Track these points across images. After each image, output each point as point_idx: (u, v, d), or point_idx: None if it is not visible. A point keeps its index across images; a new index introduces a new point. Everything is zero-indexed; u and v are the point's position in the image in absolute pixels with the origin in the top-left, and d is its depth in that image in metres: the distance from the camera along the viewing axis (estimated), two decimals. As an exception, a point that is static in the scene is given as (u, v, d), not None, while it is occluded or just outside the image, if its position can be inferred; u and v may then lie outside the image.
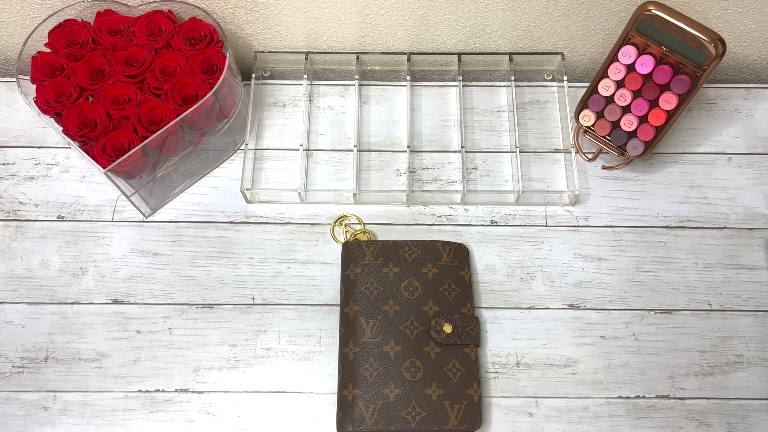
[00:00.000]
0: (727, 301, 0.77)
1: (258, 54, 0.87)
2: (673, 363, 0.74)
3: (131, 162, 0.72)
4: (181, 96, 0.74)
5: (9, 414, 0.72)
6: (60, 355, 0.74)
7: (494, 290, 0.77)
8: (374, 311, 0.73)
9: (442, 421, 0.69)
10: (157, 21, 0.77)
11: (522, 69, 0.89)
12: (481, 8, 0.82)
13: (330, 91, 0.88)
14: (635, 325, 0.76)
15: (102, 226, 0.80)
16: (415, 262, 0.75)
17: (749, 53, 0.89)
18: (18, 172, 0.83)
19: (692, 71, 0.74)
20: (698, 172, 0.84)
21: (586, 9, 0.82)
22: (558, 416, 0.72)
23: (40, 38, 0.77)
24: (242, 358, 0.74)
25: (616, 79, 0.79)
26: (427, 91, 0.88)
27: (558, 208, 0.81)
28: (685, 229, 0.81)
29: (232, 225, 0.80)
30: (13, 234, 0.80)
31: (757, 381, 0.74)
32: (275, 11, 0.83)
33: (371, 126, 0.86)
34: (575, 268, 0.78)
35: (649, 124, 0.78)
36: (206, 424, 0.72)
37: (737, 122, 0.86)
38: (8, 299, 0.77)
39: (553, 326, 0.76)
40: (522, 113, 0.87)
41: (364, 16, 0.83)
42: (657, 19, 0.73)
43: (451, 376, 0.71)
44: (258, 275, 0.78)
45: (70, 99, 0.74)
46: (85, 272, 0.78)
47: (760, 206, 0.82)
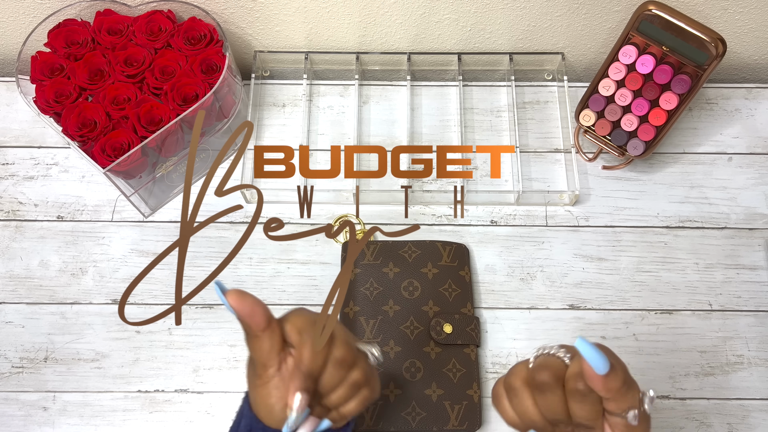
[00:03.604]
0: (728, 301, 0.77)
1: (258, 54, 0.87)
2: (674, 363, 0.74)
3: (131, 162, 0.72)
4: (181, 96, 0.74)
5: (9, 414, 0.72)
6: (59, 355, 0.74)
7: (494, 290, 0.77)
8: (374, 311, 0.73)
9: (442, 421, 0.69)
10: (156, 21, 0.77)
11: (522, 69, 0.89)
12: (481, 8, 0.82)
13: (330, 90, 0.88)
14: (635, 326, 0.76)
15: (101, 226, 0.80)
16: (415, 262, 0.75)
17: (750, 53, 0.89)
18: (17, 172, 0.83)
19: (693, 71, 0.74)
20: (698, 172, 0.84)
21: (586, 9, 0.82)
22: (558, 416, 0.72)
23: (39, 38, 0.77)
24: (242, 358, 0.74)
25: (616, 79, 0.78)
26: (427, 90, 0.88)
27: (558, 208, 0.81)
28: (686, 229, 0.81)
29: (232, 225, 0.80)
30: (12, 234, 0.80)
31: (758, 381, 0.74)
32: (275, 11, 0.82)
33: (371, 126, 0.86)
34: (575, 268, 0.78)
35: (649, 123, 0.78)
36: (206, 424, 0.72)
37: (738, 122, 0.86)
38: (8, 299, 0.77)
39: (553, 326, 0.76)
40: (522, 113, 0.87)
41: (364, 15, 0.83)
42: (657, 18, 0.73)
43: (451, 376, 0.71)
44: (258, 275, 0.78)
45: (69, 99, 0.74)
46: (84, 272, 0.78)
47: (760, 206, 0.82)
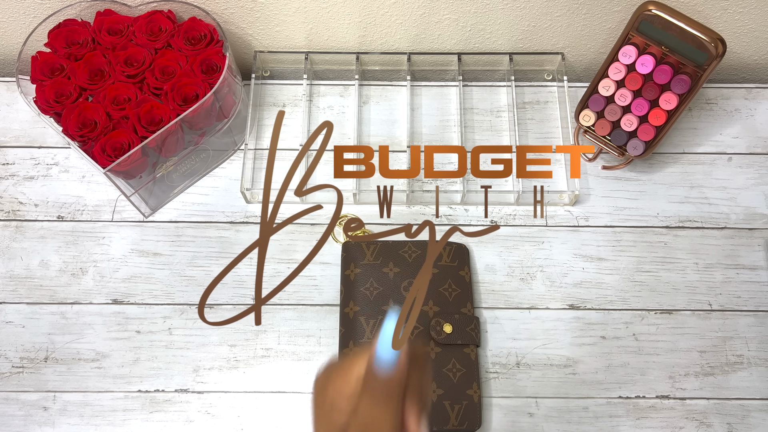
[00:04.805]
0: (728, 301, 0.77)
1: (258, 54, 0.87)
2: (674, 363, 0.74)
3: (131, 162, 0.72)
4: (181, 96, 0.74)
5: (9, 414, 0.72)
6: (60, 355, 0.74)
7: (494, 290, 0.77)
8: (374, 311, 0.73)
9: (442, 421, 0.69)
10: (156, 21, 0.77)
11: (522, 69, 0.89)
12: (481, 8, 0.82)
13: (330, 90, 0.88)
14: (635, 325, 0.76)
15: (102, 226, 0.80)
16: (415, 262, 0.75)
17: (749, 53, 0.89)
18: (18, 172, 0.83)
19: (692, 71, 0.74)
20: (698, 172, 0.84)
21: (586, 9, 0.82)
22: (558, 416, 0.72)
23: (39, 38, 0.77)
24: (242, 358, 0.74)
25: (616, 79, 0.79)
26: (427, 91, 0.88)
27: (558, 208, 0.81)
28: (686, 229, 0.81)
29: (231, 225, 0.80)
30: (12, 234, 0.80)
31: (757, 381, 0.74)
32: (275, 11, 0.82)
33: (371, 126, 0.86)
34: (575, 268, 0.78)
35: (649, 124, 0.78)
36: (206, 424, 0.72)
37: (737, 122, 0.86)
38: (8, 299, 0.77)
39: (553, 326, 0.76)
40: (522, 113, 0.87)
41: (364, 16, 0.83)
42: (657, 18, 0.73)
43: (451, 376, 0.71)
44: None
45: (69, 99, 0.74)
46: (84, 272, 0.78)
47: (760, 206, 0.82)
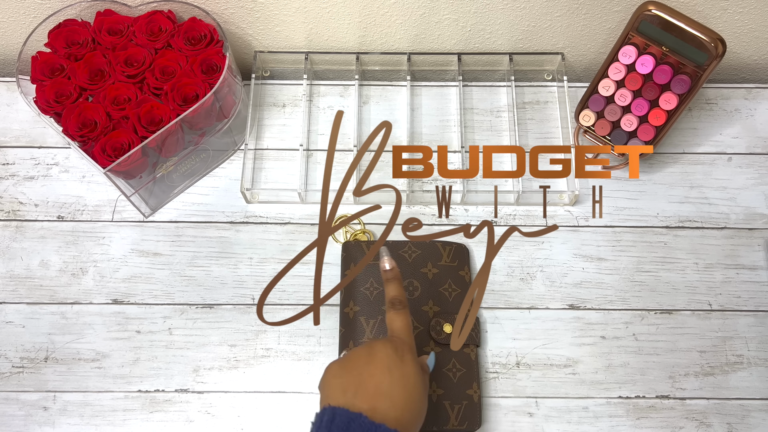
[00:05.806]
0: (727, 301, 0.77)
1: (258, 54, 0.87)
2: (673, 363, 0.74)
3: (131, 162, 0.72)
4: (181, 96, 0.74)
5: (9, 414, 0.72)
6: (60, 355, 0.74)
7: (494, 290, 0.77)
8: (374, 311, 0.73)
9: (442, 421, 0.69)
10: (156, 21, 0.77)
11: (522, 69, 0.89)
12: (481, 8, 0.82)
13: (330, 91, 0.88)
14: (635, 325, 0.76)
15: (102, 226, 0.80)
16: (415, 262, 0.75)
17: (749, 53, 0.89)
18: (18, 172, 0.83)
19: (692, 71, 0.74)
20: (698, 172, 0.84)
21: (586, 9, 0.82)
22: (558, 416, 0.72)
23: (40, 38, 0.77)
24: (242, 358, 0.74)
25: (616, 79, 0.79)
26: (427, 91, 0.88)
27: (558, 208, 0.81)
28: (685, 229, 0.81)
29: (232, 225, 0.80)
30: (13, 234, 0.80)
31: (757, 381, 0.74)
32: (275, 11, 0.83)
33: (371, 126, 0.86)
34: (575, 268, 0.78)
35: (649, 124, 0.78)
36: (206, 424, 0.72)
37: (737, 122, 0.86)
38: (8, 299, 0.77)
39: (553, 326, 0.76)
40: (522, 113, 0.87)
41: (364, 16, 0.83)
42: (657, 19, 0.73)
43: (451, 376, 0.71)
44: (258, 275, 0.78)
45: (70, 99, 0.74)
46: (84, 272, 0.78)
47: (760, 206, 0.82)
